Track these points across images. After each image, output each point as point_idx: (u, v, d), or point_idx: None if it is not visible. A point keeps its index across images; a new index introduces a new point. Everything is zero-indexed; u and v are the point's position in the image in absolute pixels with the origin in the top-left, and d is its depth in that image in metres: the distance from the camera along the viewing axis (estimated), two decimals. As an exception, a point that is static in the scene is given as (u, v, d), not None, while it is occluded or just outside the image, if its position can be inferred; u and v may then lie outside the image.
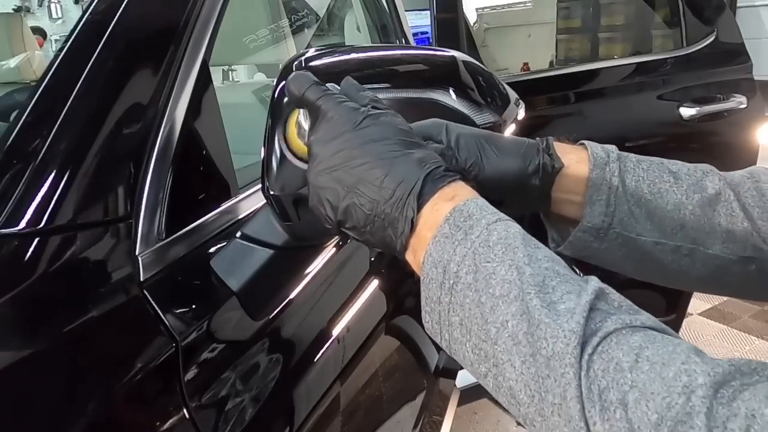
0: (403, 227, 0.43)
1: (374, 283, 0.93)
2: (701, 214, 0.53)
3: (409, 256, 0.44)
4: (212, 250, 0.69)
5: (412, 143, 0.46)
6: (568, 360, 0.34)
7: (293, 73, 0.50)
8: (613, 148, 0.56)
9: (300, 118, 0.53)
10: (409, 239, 0.43)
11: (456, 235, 0.41)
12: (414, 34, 1.75)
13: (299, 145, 0.54)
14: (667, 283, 0.57)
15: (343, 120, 0.46)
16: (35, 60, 2.34)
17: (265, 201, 0.59)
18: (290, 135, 0.54)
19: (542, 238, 0.46)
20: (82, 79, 0.62)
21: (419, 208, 0.43)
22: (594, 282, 0.38)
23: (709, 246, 0.53)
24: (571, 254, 0.56)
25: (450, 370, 1.38)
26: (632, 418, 0.32)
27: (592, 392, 0.33)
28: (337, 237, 0.85)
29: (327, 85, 0.50)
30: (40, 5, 5.77)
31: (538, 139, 0.55)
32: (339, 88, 0.50)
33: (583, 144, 0.56)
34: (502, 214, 0.42)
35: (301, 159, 0.54)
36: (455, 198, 0.43)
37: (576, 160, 0.54)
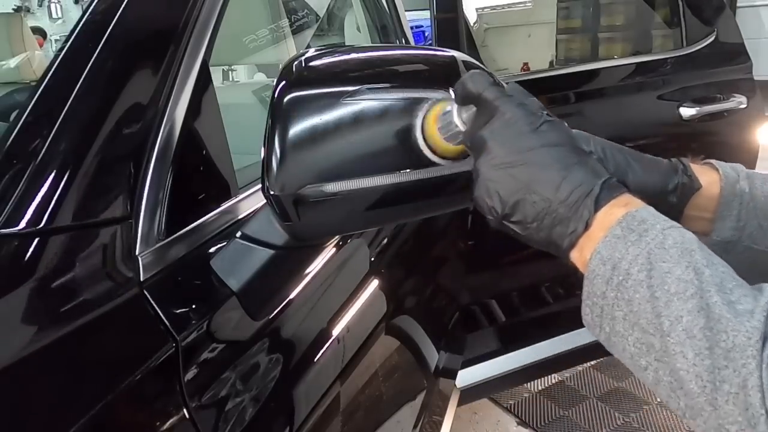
0: (575, 226, 0.46)
1: (374, 283, 0.93)
2: None
3: (575, 254, 0.47)
4: (212, 250, 0.69)
5: (584, 152, 0.48)
6: (750, 352, 0.36)
7: (471, 72, 0.52)
8: (741, 167, 0.59)
9: (448, 115, 0.53)
10: (580, 238, 0.46)
11: (629, 237, 0.43)
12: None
13: (439, 142, 0.54)
14: None
15: (523, 121, 0.48)
16: (35, 60, 2.34)
17: (265, 201, 0.59)
18: (429, 131, 0.55)
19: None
20: (82, 79, 0.63)
21: (595, 210, 0.45)
22: (767, 288, 0.40)
23: None
24: None
25: (450, 370, 1.38)
26: None
27: None
28: (337, 237, 0.85)
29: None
30: (40, 5, 5.77)
31: (673, 159, 0.59)
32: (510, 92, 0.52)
33: (709, 163, 0.59)
34: (675, 222, 0.44)
35: (437, 154, 0.55)
36: (629, 205, 0.46)
37: (709, 180, 0.58)
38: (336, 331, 0.79)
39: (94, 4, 0.69)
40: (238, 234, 0.70)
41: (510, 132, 0.48)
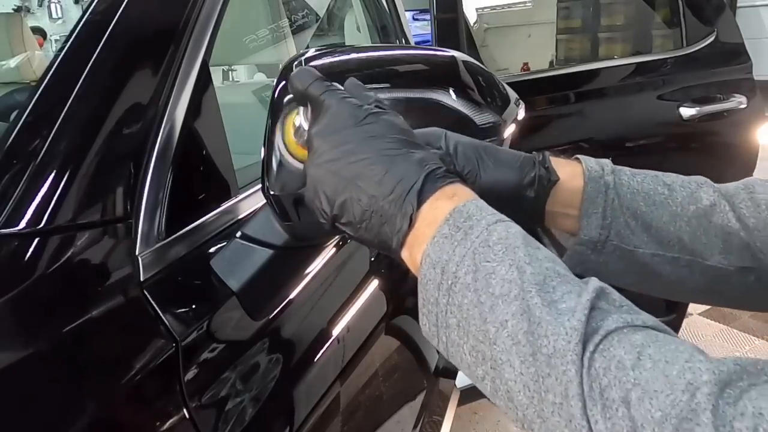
0: (401, 224, 0.43)
1: (374, 283, 0.93)
2: (697, 226, 0.54)
3: (405, 254, 0.44)
4: (212, 250, 0.69)
5: (413, 143, 0.46)
6: (570, 357, 0.34)
7: (297, 69, 0.50)
8: (607, 162, 0.56)
9: (299, 118, 0.52)
10: (407, 236, 0.43)
11: (455, 236, 0.41)
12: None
13: (296, 147, 0.53)
14: (667, 295, 0.57)
15: (345, 115, 0.46)
16: (35, 60, 2.34)
17: (265, 201, 0.59)
18: (287, 135, 0.54)
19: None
20: (82, 79, 0.62)
21: (419, 205, 0.43)
22: (594, 282, 0.38)
23: (706, 257, 0.54)
24: (570, 268, 0.57)
25: (450, 370, 1.38)
26: (635, 416, 0.31)
27: (593, 390, 0.33)
28: (337, 237, 0.85)
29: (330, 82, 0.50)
30: (40, 5, 5.78)
31: (534, 153, 0.56)
32: (342, 87, 0.50)
33: (577, 158, 0.57)
34: (502, 216, 0.42)
35: (298, 160, 0.54)
36: (455, 197, 0.43)
37: (571, 174, 0.55)
38: (336, 331, 0.79)
39: (94, 4, 0.69)
40: (238, 234, 0.70)
41: (333, 127, 0.46)
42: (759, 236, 0.53)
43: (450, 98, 0.59)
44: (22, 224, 0.56)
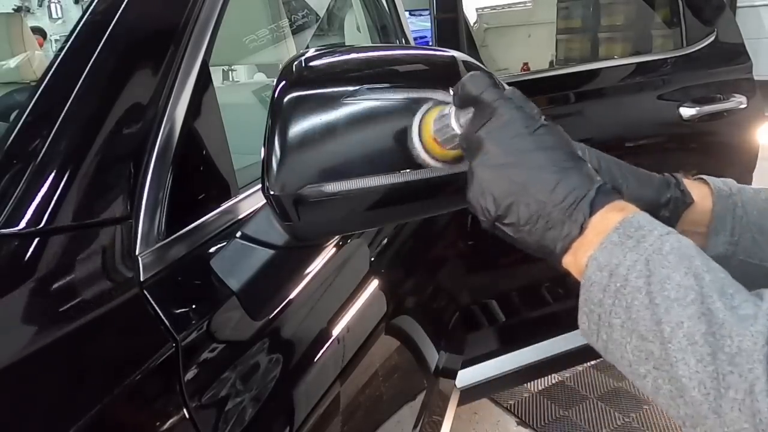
0: (570, 230, 0.45)
1: (374, 283, 0.93)
2: None
3: (568, 259, 0.46)
4: (212, 250, 0.69)
5: (580, 158, 0.48)
6: (757, 356, 0.35)
7: (472, 73, 0.52)
8: (732, 181, 0.59)
9: (446, 118, 0.53)
10: (573, 242, 0.45)
11: (626, 243, 0.43)
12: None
13: (434, 145, 0.54)
14: None
15: (520, 123, 0.48)
16: (35, 60, 2.34)
17: (265, 201, 0.59)
18: (425, 134, 0.54)
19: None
20: (82, 79, 0.62)
21: (590, 214, 0.45)
22: None
23: None
24: None
25: (450, 370, 1.38)
26: None
27: None
28: (337, 237, 0.85)
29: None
30: (40, 5, 5.78)
31: (666, 174, 0.59)
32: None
33: (702, 179, 0.60)
34: (672, 228, 0.44)
35: (436, 158, 0.55)
36: (624, 210, 0.45)
37: (700, 195, 0.58)
38: (336, 331, 0.79)
39: (94, 4, 0.69)
40: (238, 234, 0.70)
41: (507, 133, 0.48)
42: None
43: (450, 98, 0.59)
44: (22, 224, 0.56)
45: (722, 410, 0.36)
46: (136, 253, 0.60)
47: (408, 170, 0.55)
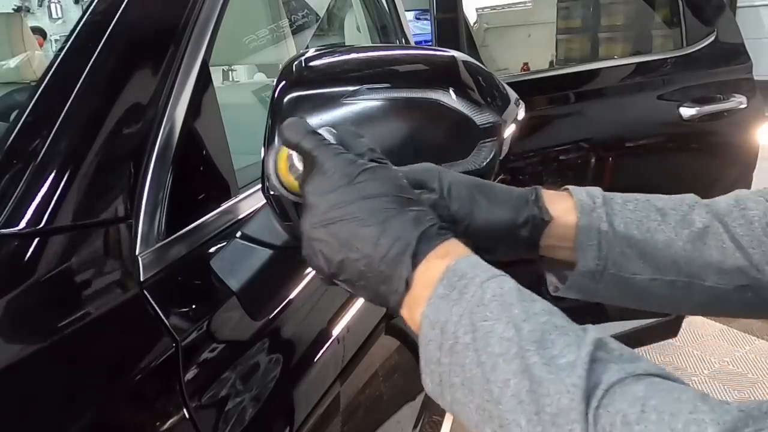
0: (397, 286, 0.43)
1: (374, 283, 0.93)
2: (692, 249, 0.54)
3: (404, 313, 0.45)
4: (212, 250, 0.69)
5: (408, 200, 0.46)
6: (574, 416, 0.34)
7: (288, 120, 0.49)
8: (598, 191, 0.57)
9: (293, 156, 0.51)
10: (404, 297, 0.44)
11: (451, 295, 0.41)
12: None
13: (290, 180, 0.52)
14: (669, 311, 0.58)
15: (339, 173, 0.46)
16: (35, 60, 2.34)
17: (265, 201, 0.59)
18: (281, 170, 0.52)
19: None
20: (82, 79, 0.62)
21: (414, 267, 0.43)
22: (592, 333, 0.38)
23: (704, 278, 0.54)
24: (573, 296, 0.58)
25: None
26: None
27: None
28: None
29: (322, 130, 0.49)
30: (40, 5, 5.78)
31: (527, 189, 0.57)
32: (335, 132, 0.50)
33: (567, 190, 0.57)
34: (495, 270, 0.43)
35: (292, 192, 0.52)
36: (448, 256, 0.43)
37: (563, 210, 0.56)
38: (336, 331, 0.79)
39: (94, 4, 0.69)
40: (238, 234, 0.70)
41: (326, 187, 0.46)
42: (754, 254, 0.53)
43: (450, 98, 0.59)
44: (22, 224, 0.56)
45: None
46: (136, 253, 0.60)
47: None
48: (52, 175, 0.58)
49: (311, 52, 0.60)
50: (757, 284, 0.53)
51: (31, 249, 0.56)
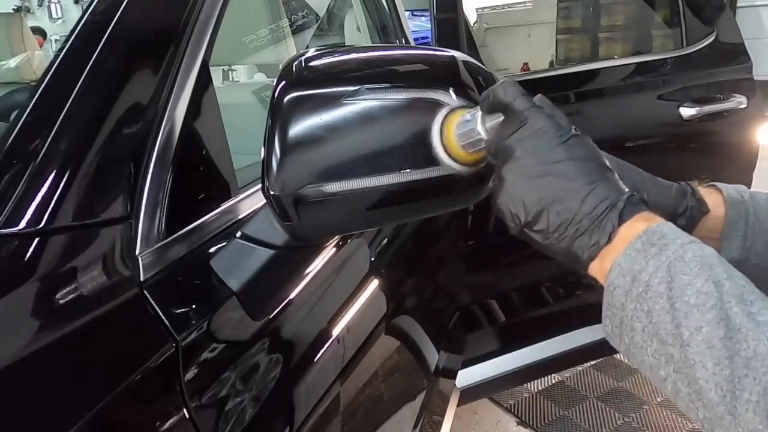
0: (598, 238, 0.47)
1: (374, 283, 0.93)
2: None
3: (595, 265, 0.47)
4: (212, 250, 0.69)
5: (609, 169, 0.49)
6: None
7: (503, 81, 0.53)
8: (743, 188, 0.61)
9: (471, 122, 0.53)
10: (601, 250, 0.47)
11: (649, 250, 0.44)
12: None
13: (457, 148, 0.55)
14: None
15: (552, 133, 0.49)
16: (35, 60, 2.34)
17: (265, 201, 0.59)
18: (448, 136, 0.55)
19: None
20: (82, 79, 0.62)
21: (619, 224, 0.46)
22: None
23: None
24: None
25: (450, 370, 1.38)
26: None
27: None
28: (337, 237, 0.85)
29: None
30: (40, 5, 5.78)
31: (682, 183, 0.61)
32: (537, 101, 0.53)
33: (713, 185, 0.61)
34: (695, 238, 0.45)
35: (458, 161, 0.55)
36: (650, 220, 0.47)
37: (714, 203, 0.60)
38: (336, 331, 0.79)
39: (94, 4, 0.69)
40: (238, 234, 0.70)
41: (539, 143, 0.49)
42: None
43: (450, 98, 0.59)
44: (22, 224, 0.56)
45: (737, 411, 0.37)
46: (136, 253, 0.60)
47: (408, 170, 0.55)
48: (52, 175, 0.58)
49: (311, 52, 0.60)
50: None
51: (31, 249, 0.56)
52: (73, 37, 0.67)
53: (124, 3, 0.68)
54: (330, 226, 0.62)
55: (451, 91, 0.60)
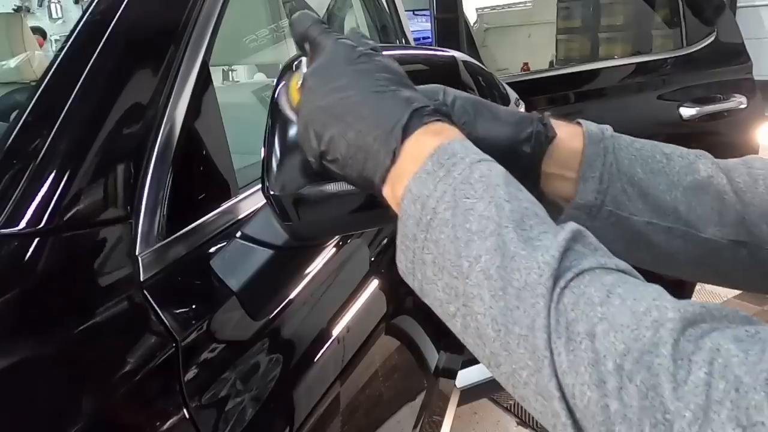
0: (384, 159, 0.43)
1: (374, 283, 0.93)
2: (693, 196, 0.53)
3: (387, 191, 0.44)
4: (212, 250, 0.69)
5: (403, 84, 0.46)
6: (540, 290, 0.34)
7: (298, 12, 0.52)
8: (607, 126, 0.56)
9: (302, 67, 0.53)
10: (389, 172, 0.43)
11: (438, 173, 0.40)
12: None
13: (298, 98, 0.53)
14: (658, 268, 0.57)
15: (340, 55, 0.47)
16: (35, 60, 2.34)
17: (265, 201, 0.59)
18: (291, 94, 0.53)
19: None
20: (82, 79, 0.62)
21: (403, 140, 0.42)
22: (572, 224, 0.38)
23: (701, 229, 0.53)
24: None
25: (450, 370, 1.38)
26: (599, 348, 0.32)
27: (560, 324, 0.34)
28: (337, 237, 0.85)
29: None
30: (40, 5, 5.78)
31: (533, 112, 0.55)
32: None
33: (578, 122, 0.56)
34: (486, 156, 0.42)
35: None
36: (441, 134, 0.43)
37: (570, 134, 0.54)
38: (336, 331, 0.79)
39: (94, 4, 0.69)
40: (238, 234, 0.70)
41: (326, 66, 0.47)
42: (754, 210, 0.53)
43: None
44: (22, 224, 0.56)
45: (510, 347, 0.35)
46: (136, 253, 0.60)
47: None
48: (52, 175, 0.58)
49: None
50: (752, 241, 0.53)
51: (31, 249, 0.56)
52: (73, 37, 0.67)
53: (124, 3, 0.68)
54: (330, 226, 0.62)
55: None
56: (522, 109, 0.68)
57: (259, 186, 0.58)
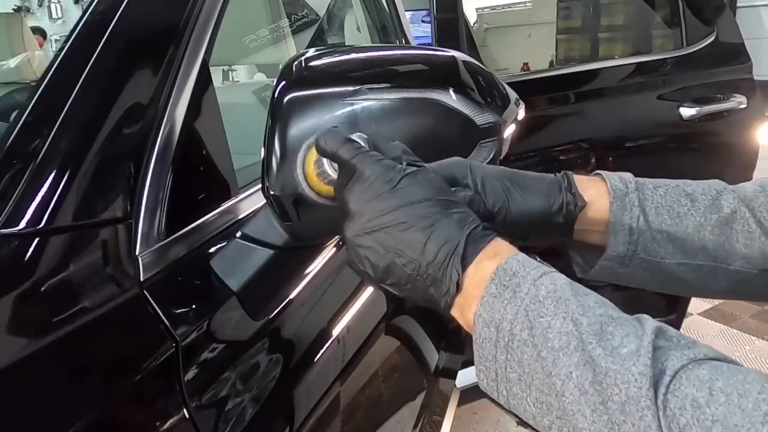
0: (447, 287, 0.44)
1: (374, 283, 0.93)
2: (720, 234, 0.56)
3: (456, 313, 0.45)
4: (212, 250, 0.69)
5: (450, 202, 0.47)
6: (644, 403, 0.35)
7: (325, 130, 0.51)
8: (629, 177, 0.58)
9: (323, 161, 0.53)
10: (455, 299, 0.45)
11: (504, 294, 0.42)
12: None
13: (318, 183, 0.54)
14: (694, 295, 0.59)
15: (380, 180, 0.46)
16: (35, 60, 2.34)
17: (265, 201, 0.59)
18: (309, 174, 0.54)
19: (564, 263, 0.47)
20: (82, 79, 0.62)
21: (463, 269, 0.44)
22: (650, 322, 0.39)
23: (730, 262, 0.56)
24: (598, 279, 0.58)
25: (450, 370, 1.38)
26: None
27: (672, 431, 0.34)
28: (337, 237, 0.85)
29: (354, 136, 0.50)
30: (40, 5, 5.78)
31: (558, 175, 0.57)
32: (366, 137, 0.50)
33: (599, 174, 0.58)
34: (545, 267, 0.44)
35: (322, 196, 0.54)
36: (497, 256, 0.44)
37: (596, 194, 0.56)
38: (336, 331, 0.79)
39: (94, 4, 0.69)
40: (238, 234, 0.70)
41: (368, 194, 0.46)
42: None
43: (450, 98, 0.59)
44: (22, 224, 0.56)
45: None
46: (136, 253, 0.60)
47: None
48: (52, 175, 0.58)
49: (311, 52, 0.60)
50: None
51: (31, 249, 0.56)
52: (73, 37, 0.67)
53: (124, 3, 0.68)
54: (330, 227, 0.62)
55: (451, 91, 0.60)
56: (522, 110, 0.68)
57: (259, 186, 0.58)
